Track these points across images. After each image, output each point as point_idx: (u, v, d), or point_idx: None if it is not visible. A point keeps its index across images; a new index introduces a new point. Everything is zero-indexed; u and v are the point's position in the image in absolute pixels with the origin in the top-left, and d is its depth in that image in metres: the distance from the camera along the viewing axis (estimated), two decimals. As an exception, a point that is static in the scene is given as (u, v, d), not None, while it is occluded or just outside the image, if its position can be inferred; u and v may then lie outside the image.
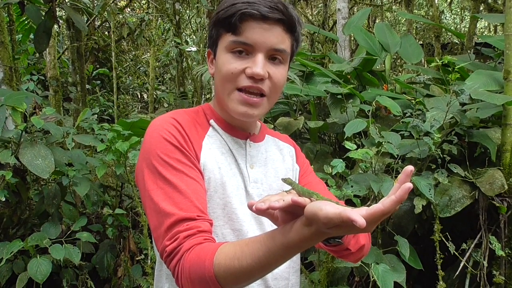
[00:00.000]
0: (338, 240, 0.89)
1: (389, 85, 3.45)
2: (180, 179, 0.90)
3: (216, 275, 0.77)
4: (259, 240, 0.78)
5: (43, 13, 2.98)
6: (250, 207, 0.74)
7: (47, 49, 5.27)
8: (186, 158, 0.93)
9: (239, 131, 1.05)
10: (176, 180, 0.89)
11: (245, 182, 1.00)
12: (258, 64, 0.93)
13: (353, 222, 0.62)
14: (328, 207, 0.67)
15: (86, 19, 5.99)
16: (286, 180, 0.82)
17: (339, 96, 2.79)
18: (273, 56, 0.95)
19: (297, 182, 1.11)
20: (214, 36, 0.99)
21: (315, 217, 0.67)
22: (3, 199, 2.30)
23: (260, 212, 0.72)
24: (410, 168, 0.68)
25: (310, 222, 0.70)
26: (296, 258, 1.08)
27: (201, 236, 0.84)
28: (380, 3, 9.78)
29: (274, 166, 1.08)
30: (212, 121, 1.03)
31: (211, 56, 1.03)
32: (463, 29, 11.76)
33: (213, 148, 0.99)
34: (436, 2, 8.92)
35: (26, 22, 5.21)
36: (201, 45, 5.92)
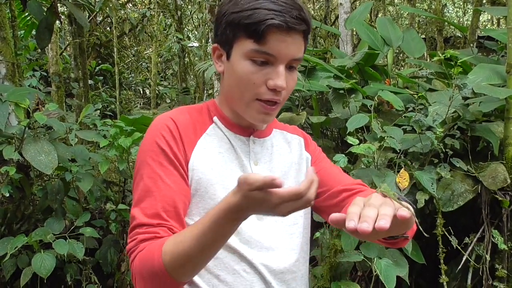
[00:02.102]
0: (406, 235, 0.89)
1: (391, 80, 3.44)
2: (154, 183, 0.91)
3: (164, 263, 0.80)
4: (198, 220, 0.82)
5: (45, 9, 2.99)
6: (333, 221, 0.71)
7: (49, 45, 5.27)
8: (169, 162, 0.94)
9: (243, 128, 1.04)
10: (151, 183, 0.92)
11: None
12: (281, 77, 0.92)
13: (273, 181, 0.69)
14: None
15: (87, 14, 5.99)
16: (380, 189, 0.82)
17: (341, 91, 2.79)
18: (291, 65, 0.95)
19: (306, 170, 1.09)
20: (230, 37, 0.93)
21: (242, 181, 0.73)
22: (7, 195, 2.31)
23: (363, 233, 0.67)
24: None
25: (239, 189, 0.74)
26: (306, 248, 1.08)
27: (157, 240, 0.87)
28: (382, -3, 9.73)
29: (280, 160, 1.06)
30: (215, 118, 1.03)
31: (217, 52, 0.99)
32: (466, 22, 11.71)
33: (209, 148, 0.99)
34: (438, -5, 8.86)
35: (28, 18, 5.22)
36: (203, 41, 5.91)
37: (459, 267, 2.29)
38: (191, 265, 0.82)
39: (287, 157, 1.08)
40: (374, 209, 0.69)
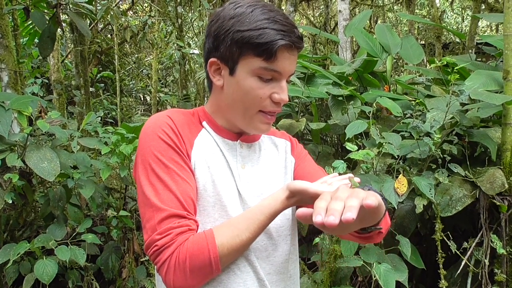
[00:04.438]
0: (379, 227, 0.90)
1: (390, 86, 3.46)
2: (171, 178, 0.94)
3: (220, 255, 0.89)
4: (250, 216, 0.93)
5: (48, 18, 3.02)
6: (300, 216, 0.75)
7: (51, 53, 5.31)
8: (179, 157, 0.97)
9: (231, 133, 1.08)
10: (167, 178, 0.94)
11: (236, 182, 1.03)
12: (285, 91, 1.00)
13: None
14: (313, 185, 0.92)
15: (89, 22, 6.04)
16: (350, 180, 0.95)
17: (340, 98, 2.81)
18: (287, 79, 1.01)
19: (291, 174, 1.15)
20: (236, 54, 0.96)
21: (304, 192, 0.91)
22: (10, 202, 2.33)
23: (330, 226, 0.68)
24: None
25: (294, 195, 0.93)
26: (294, 249, 1.11)
27: (191, 233, 0.91)
28: (381, 4, 9.79)
29: (268, 163, 1.11)
30: (204, 123, 1.07)
31: (215, 66, 1.02)
32: (464, 28, 11.76)
33: (204, 148, 1.03)
34: (437, 2, 8.92)
35: (31, 26, 5.26)
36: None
37: (458, 271, 2.30)
38: (240, 253, 0.95)
39: (275, 160, 1.13)
40: (341, 202, 0.69)
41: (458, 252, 2.26)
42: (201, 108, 1.11)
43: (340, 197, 0.71)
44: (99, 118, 3.27)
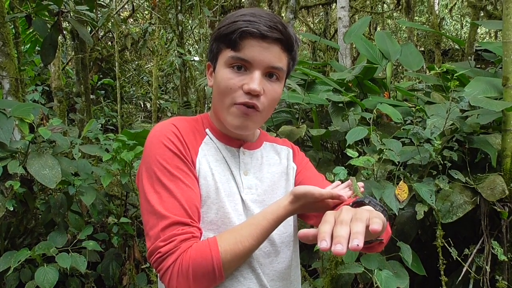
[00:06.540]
0: (380, 238, 0.90)
1: (390, 93, 3.48)
2: (176, 186, 0.94)
3: (223, 261, 0.88)
4: (253, 222, 0.94)
5: (49, 26, 3.04)
6: (302, 237, 0.76)
7: (52, 60, 5.31)
8: (184, 164, 0.98)
9: (233, 140, 1.09)
10: (172, 186, 0.94)
11: (239, 188, 1.04)
12: (255, 81, 0.96)
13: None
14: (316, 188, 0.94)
15: (89, 29, 6.07)
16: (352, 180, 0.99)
17: (341, 104, 2.82)
18: (270, 73, 0.99)
19: (293, 180, 1.15)
20: (215, 51, 1.03)
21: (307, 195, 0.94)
22: (11, 209, 2.33)
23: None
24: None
25: (298, 200, 0.94)
26: (295, 256, 1.12)
27: (195, 241, 0.91)
28: (381, 11, 9.84)
29: (270, 170, 1.11)
30: (207, 130, 1.08)
31: (210, 69, 1.07)
32: (464, 34, 11.81)
33: (208, 155, 1.04)
34: (436, 9, 8.96)
35: (32, 34, 5.29)
36: (203, 55, 5.97)
37: (460, 278, 2.30)
38: (243, 260, 0.94)
39: (277, 168, 1.13)
40: (346, 227, 0.68)
41: (459, 259, 2.26)
42: (205, 114, 1.13)
43: (345, 220, 0.70)
44: (100, 125, 3.28)
